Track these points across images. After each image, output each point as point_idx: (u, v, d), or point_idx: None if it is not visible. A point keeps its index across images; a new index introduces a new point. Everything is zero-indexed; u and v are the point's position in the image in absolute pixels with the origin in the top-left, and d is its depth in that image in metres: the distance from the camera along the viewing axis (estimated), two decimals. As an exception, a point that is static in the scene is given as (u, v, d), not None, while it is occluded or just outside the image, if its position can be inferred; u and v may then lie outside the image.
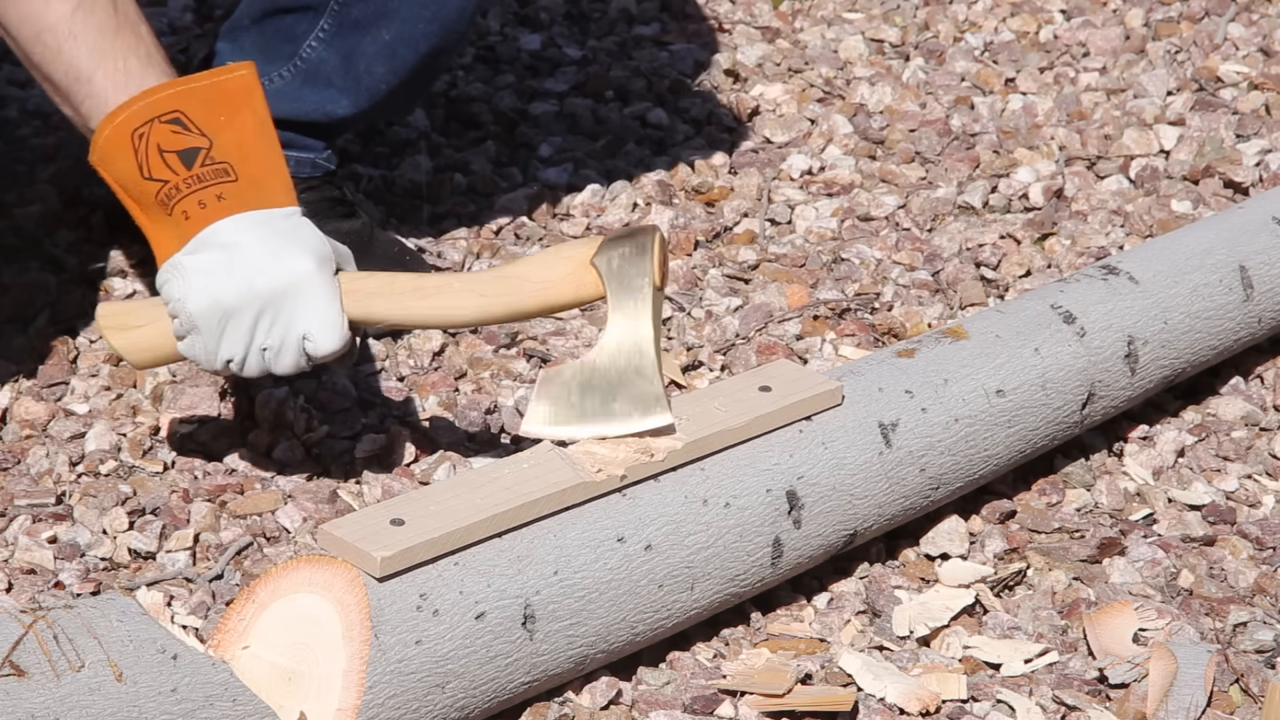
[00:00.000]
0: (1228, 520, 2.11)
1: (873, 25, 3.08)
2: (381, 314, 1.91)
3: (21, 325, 2.27)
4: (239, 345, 1.88)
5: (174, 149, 1.85)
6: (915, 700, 1.83)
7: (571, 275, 1.86)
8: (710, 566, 1.84)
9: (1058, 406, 2.08)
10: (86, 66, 1.86)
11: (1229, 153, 2.72)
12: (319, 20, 2.25)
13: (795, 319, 2.37)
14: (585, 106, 2.80)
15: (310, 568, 1.66)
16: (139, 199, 1.88)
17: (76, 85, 1.87)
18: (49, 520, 2.00)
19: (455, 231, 2.51)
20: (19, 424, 2.13)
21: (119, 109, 1.85)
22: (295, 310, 1.87)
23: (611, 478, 1.79)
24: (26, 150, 2.59)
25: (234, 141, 1.87)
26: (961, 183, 2.67)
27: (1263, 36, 3.03)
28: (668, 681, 1.85)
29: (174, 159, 1.85)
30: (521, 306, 1.90)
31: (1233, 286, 2.22)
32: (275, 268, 1.86)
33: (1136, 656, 1.88)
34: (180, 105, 1.85)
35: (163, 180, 1.85)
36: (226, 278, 1.86)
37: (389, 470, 2.09)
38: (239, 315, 1.87)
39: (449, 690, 1.69)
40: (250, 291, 1.86)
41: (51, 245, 2.41)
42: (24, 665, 1.55)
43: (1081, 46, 3.03)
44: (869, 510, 1.95)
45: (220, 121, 1.87)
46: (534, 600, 1.73)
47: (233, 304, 1.86)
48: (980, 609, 1.97)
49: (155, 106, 1.85)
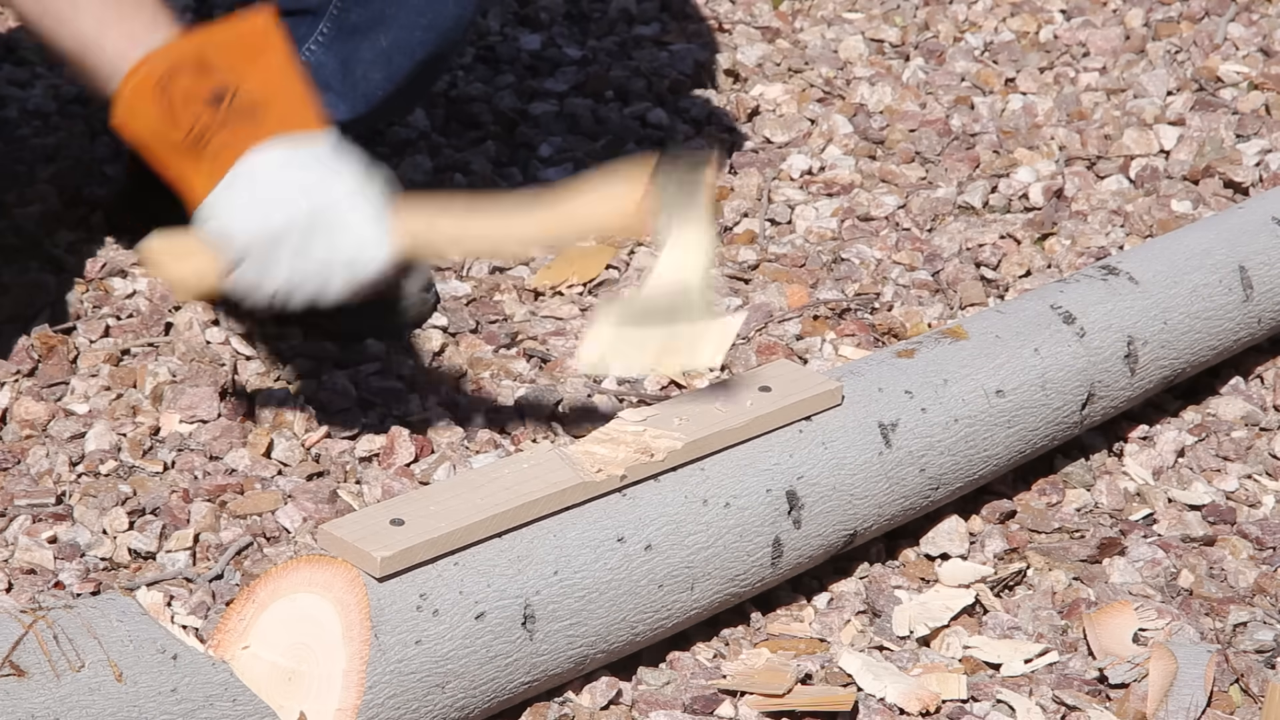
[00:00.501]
0: (1228, 520, 2.11)
1: (873, 25, 3.08)
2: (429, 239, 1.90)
3: (21, 325, 2.27)
4: (285, 271, 1.88)
5: (201, 92, 1.86)
6: (915, 700, 1.83)
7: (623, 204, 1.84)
8: (710, 566, 1.84)
9: (1057, 407, 2.08)
10: (94, 33, 1.87)
11: (1229, 153, 2.72)
12: (318, 24, 2.25)
13: (795, 319, 2.37)
14: (585, 106, 2.80)
15: (310, 568, 1.66)
16: (169, 148, 1.88)
17: (88, 53, 1.88)
18: (49, 520, 2.00)
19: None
20: (19, 424, 2.13)
21: (141, 63, 1.85)
22: (339, 231, 1.87)
23: (611, 478, 1.79)
24: (26, 150, 2.59)
25: (260, 80, 1.87)
26: (961, 183, 2.67)
27: (1263, 36, 3.03)
28: (668, 681, 1.85)
29: (202, 101, 1.86)
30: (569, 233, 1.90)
31: (1232, 287, 2.22)
32: (315, 191, 1.86)
33: (1136, 656, 1.88)
34: (203, 53, 1.86)
35: (195, 118, 1.86)
36: (267, 205, 1.86)
37: (389, 470, 2.09)
38: (283, 240, 1.86)
39: (449, 690, 1.69)
40: (293, 215, 1.86)
41: (51, 245, 2.41)
42: (24, 665, 1.55)
43: (1081, 46, 3.03)
44: (869, 510, 1.95)
45: (244, 64, 1.87)
46: (534, 600, 1.73)
47: (276, 229, 1.86)
48: (980, 609, 1.97)
49: (178, 56, 1.85)
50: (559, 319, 2.35)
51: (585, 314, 2.36)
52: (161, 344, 2.26)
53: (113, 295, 2.35)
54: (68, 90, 2.72)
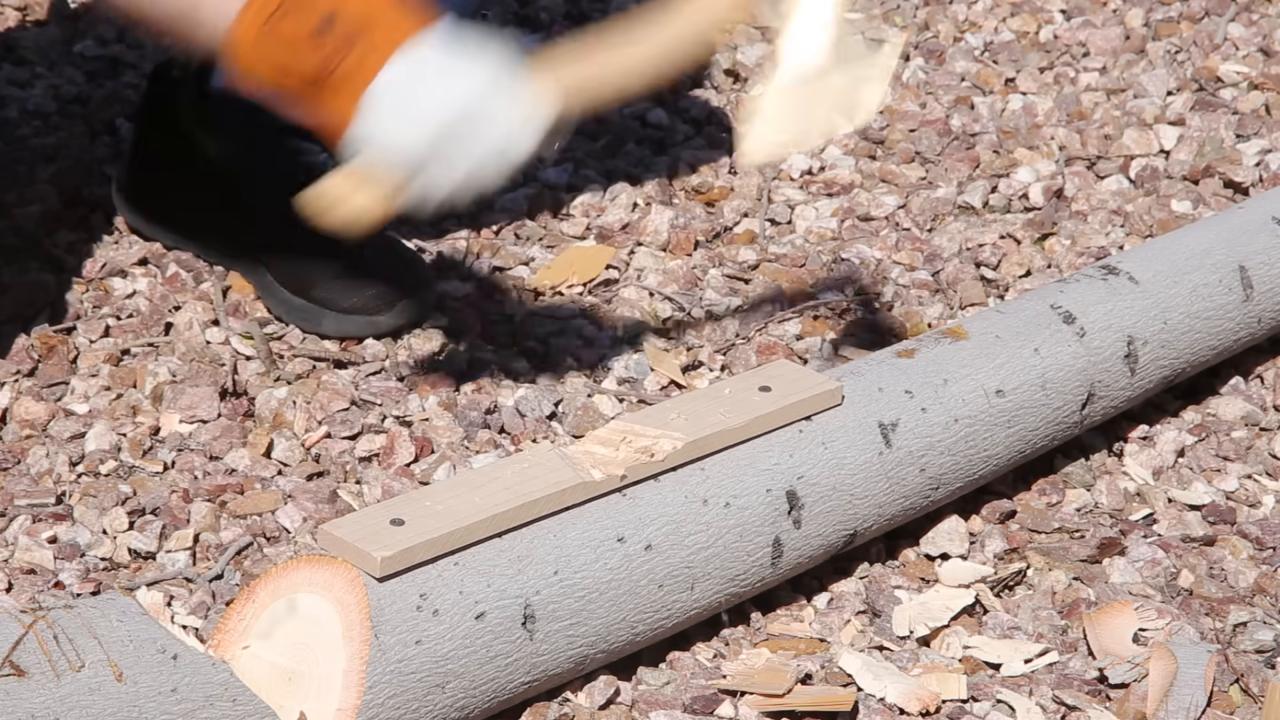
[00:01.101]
0: (1228, 520, 2.11)
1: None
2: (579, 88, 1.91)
3: (21, 325, 2.27)
4: (448, 174, 1.90)
5: (309, 25, 1.87)
6: (915, 700, 1.83)
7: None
8: (710, 566, 1.84)
9: (1057, 407, 2.08)
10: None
11: (1229, 153, 2.72)
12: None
13: (795, 319, 2.37)
14: (585, 106, 2.79)
15: (310, 568, 1.66)
16: (294, 89, 1.90)
17: (187, 17, 1.90)
18: (49, 520, 2.00)
19: (455, 232, 2.51)
20: (19, 424, 2.13)
21: (243, 11, 1.87)
22: (487, 122, 1.89)
23: (611, 478, 1.79)
24: (26, 150, 2.59)
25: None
26: (961, 183, 2.67)
27: (1263, 36, 3.03)
28: (668, 681, 1.85)
29: (313, 32, 1.87)
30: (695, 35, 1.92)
31: (1232, 287, 2.22)
32: (454, 89, 1.88)
33: (1136, 656, 1.88)
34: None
35: (315, 50, 1.88)
36: (413, 117, 1.88)
37: (389, 470, 2.09)
38: (439, 147, 1.88)
39: (449, 690, 1.69)
40: (441, 120, 1.88)
41: (51, 245, 2.41)
42: (24, 665, 1.55)
43: (1081, 46, 3.03)
44: (869, 510, 1.95)
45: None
46: (534, 600, 1.73)
47: (430, 137, 1.88)
48: (980, 609, 1.97)
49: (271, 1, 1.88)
50: (557, 318, 2.35)
51: (585, 314, 2.36)
52: (161, 344, 2.26)
53: (113, 295, 2.35)
54: (68, 90, 2.72)
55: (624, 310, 2.37)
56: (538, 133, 1.91)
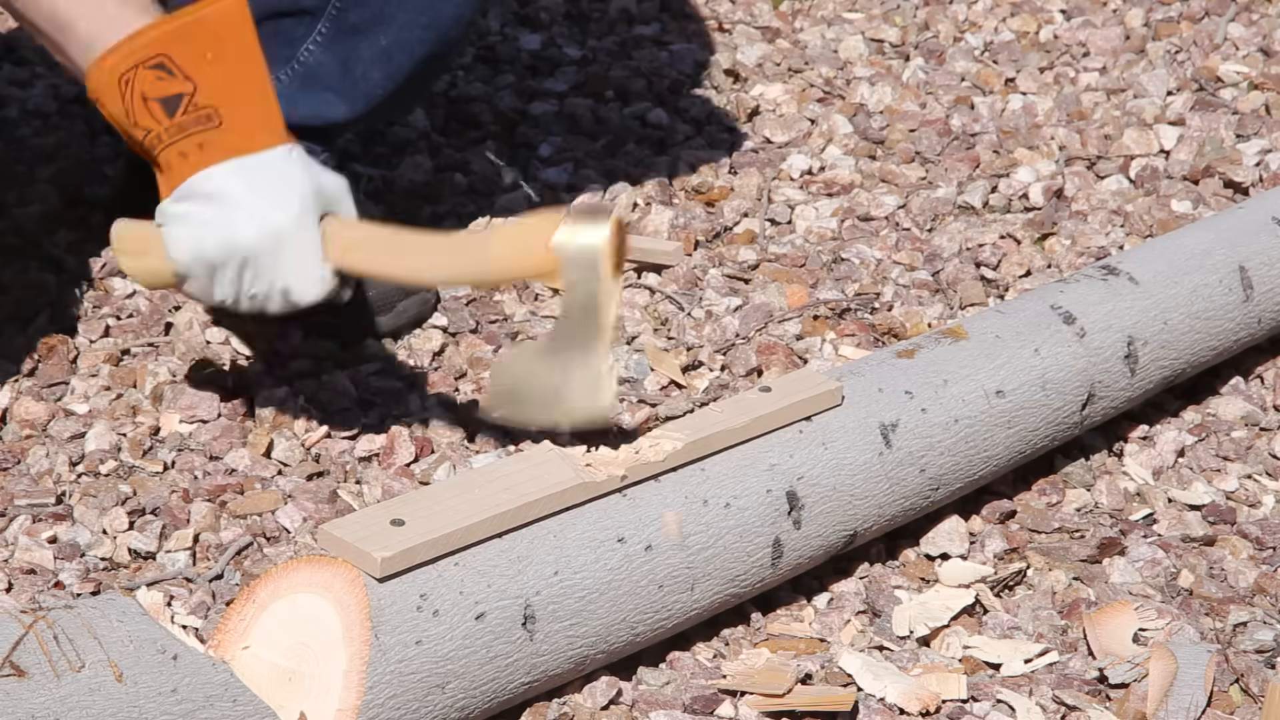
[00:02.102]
0: (1228, 520, 2.11)
1: (873, 25, 3.08)
2: (358, 266, 1.93)
3: (21, 325, 2.27)
4: (229, 291, 1.91)
5: (157, 96, 1.86)
6: (915, 700, 1.83)
7: (533, 253, 1.86)
8: (710, 567, 1.84)
9: (1057, 407, 2.08)
10: (66, 13, 1.87)
11: (1229, 153, 2.72)
12: (316, 24, 2.25)
13: (795, 319, 2.37)
14: (585, 106, 2.80)
15: (310, 568, 1.66)
16: (132, 142, 1.91)
17: (61, 34, 1.88)
18: (49, 520, 2.00)
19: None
20: (19, 424, 2.13)
21: (105, 54, 1.86)
22: (275, 264, 1.89)
23: (611, 478, 1.79)
24: (26, 150, 2.59)
25: (220, 82, 1.87)
26: (961, 183, 2.67)
27: (1263, 36, 3.03)
28: (668, 681, 1.85)
29: (156, 106, 1.87)
30: (485, 277, 1.97)
31: (1232, 287, 2.22)
32: (253, 221, 1.88)
33: (1136, 656, 1.88)
34: (164, 48, 1.86)
35: (147, 129, 1.87)
36: (207, 231, 1.88)
37: (389, 470, 2.09)
38: (223, 268, 1.89)
39: (449, 690, 1.69)
40: (230, 245, 1.88)
41: (51, 245, 2.41)
42: (24, 665, 1.55)
43: (1081, 46, 3.03)
44: (869, 511, 1.95)
45: (206, 60, 1.87)
46: (534, 600, 1.73)
47: (214, 258, 1.89)
48: (980, 609, 1.97)
49: (139, 52, 1.85)
50: (555, 318, 2.35)
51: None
52: (161, 344, 2.26)
53: (113, 295, 2.35)
54: (68, 90, 2.72)
55: (624, 310, 2.37)
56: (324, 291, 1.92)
